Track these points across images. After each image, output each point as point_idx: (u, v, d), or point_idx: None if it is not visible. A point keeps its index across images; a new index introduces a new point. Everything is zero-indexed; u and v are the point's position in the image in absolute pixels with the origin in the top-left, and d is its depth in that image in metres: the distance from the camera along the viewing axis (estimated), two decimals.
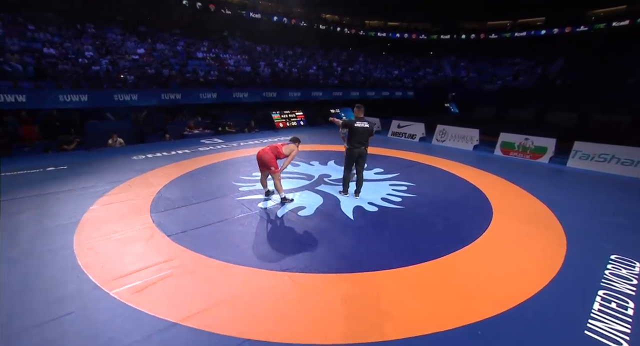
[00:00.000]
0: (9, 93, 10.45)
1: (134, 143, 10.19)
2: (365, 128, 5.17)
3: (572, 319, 2.72)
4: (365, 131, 5.17)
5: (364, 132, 5.15)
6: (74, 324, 2.60)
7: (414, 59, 30.50)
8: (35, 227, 4.27)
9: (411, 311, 2.78)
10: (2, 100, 10.22)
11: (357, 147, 5.17)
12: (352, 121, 5.19)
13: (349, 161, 5.33)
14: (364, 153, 5.23)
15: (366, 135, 5.20)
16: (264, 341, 2.44)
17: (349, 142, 5.25)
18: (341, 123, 5.41)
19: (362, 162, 5.30)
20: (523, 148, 8.71)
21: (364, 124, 5.17)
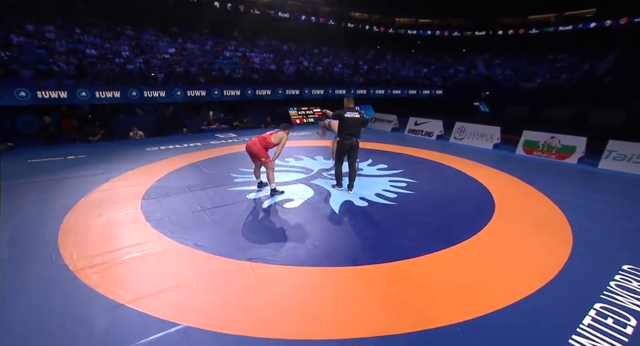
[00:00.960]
0: (53, 90, 11.35)
1: (154, 136, 10.66)
2: (356, 118, 4.95)
3: (551, 333, 2.36)
4: (356, 121, 4.94)
5: (354, 122, 4.93)
6: (28, 297, 2.68)
7: (444, 57, 29.24)
8: (34, 208, 4.54)
9: (363, 311, 2.56)
10: (47, 96, 11.13)
11: (348, 138, 4.96)
12: (342, 111, 4.98)
13: (340, 153, 5.13)
14: (355, 144, 5.01)
15: (358, 126, 4.98)
16: (201, 329, 2.35)
17: (339, 133, 5.05)
18: (332, 115, 5.22)
19: (354, 154, 5.08)
20: (548, 147, 7.94)
21: (354, 114, 4.95)
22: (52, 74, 12.26)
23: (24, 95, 10.58)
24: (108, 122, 11.72)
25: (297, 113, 14.43)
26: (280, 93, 17.01)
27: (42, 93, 11.02)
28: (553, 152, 7.83)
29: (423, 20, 30.99)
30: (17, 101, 10.55)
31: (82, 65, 13.45)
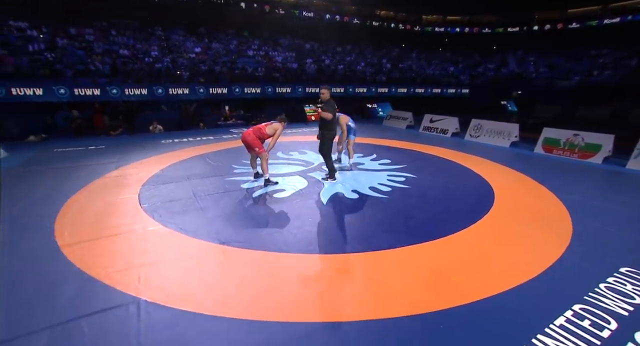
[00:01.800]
0: (88, 87, 12.22)
1: (172, 130, 11.14)
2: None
3: (515, 331, 2.19)
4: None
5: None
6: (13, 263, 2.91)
7: (473, 55, 28.03)
8: (46, 189, 4.91)
9: (325, 297, 2.53)
10: (83, 93, 12.00)
11: (334, 129, 5.00)
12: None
13: (331, 146, 5.11)
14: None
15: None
16: (156, 303, 2.43)
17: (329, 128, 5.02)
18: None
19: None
20: (570, 145, 7.37)
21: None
22: (89, 73, 13.17)
23: (63, 92, 11.47)
24: (132, 117, 12.40)
25: (312, 110, 14.47)
26: (300, 91, 17.16)
27: (78, 91, 11.88)
28: (575, 151, 7.26)
29: (451, 17, 29.93)
30: (57, 98, 11.44)
31: (115, 65, 14.33)
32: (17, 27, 14.00)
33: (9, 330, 2.17)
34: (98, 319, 2.28)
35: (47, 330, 2.17)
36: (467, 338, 2.12)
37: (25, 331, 2.16)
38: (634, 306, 2.45)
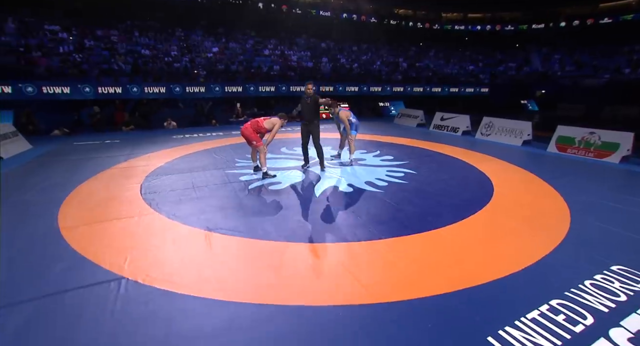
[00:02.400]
0: (111, 86, 12.84)
1: (185, 127, 11.51)
2: (308, 104, 5.50)
3: (482, 323, 2.14)
4: (309, 107, 5.51)
5: (308, 108, 5.51)
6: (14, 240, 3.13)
7: (494, 53, 27.13)
8: (57, 178, 5.23)
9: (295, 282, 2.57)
10: (106, 91, 12.62)
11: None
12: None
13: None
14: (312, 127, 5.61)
15: (311, 111, 5.57)
16: (136, 282, 2.55)
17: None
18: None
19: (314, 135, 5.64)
20: (586, 144, 7.02)
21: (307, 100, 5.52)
22: (112, 72, 13.81)
23: (88, 90, 12.10)
24: (150, 114, 12.89)
25: (323, 108, 14.51)
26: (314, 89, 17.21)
27: (102, 89, 12.50)
28: (591, 150, 6.92)
29: (472, 15, 29.12)
30: (83, 96, 12.08)
31: (136, 64, 14.94)
32: (50, 30, 14.88)
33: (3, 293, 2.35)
34: (81, 293, 2.42)
35: (34, 301, 2.33)
36: (433, 328, 2.11)
37: (15, 300, 2.33)
38: (616, 303, 2.34)
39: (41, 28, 14.90)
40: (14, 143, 7.42)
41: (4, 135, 7.27)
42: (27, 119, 10.14)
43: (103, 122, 10.95)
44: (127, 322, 2.14)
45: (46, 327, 2.09)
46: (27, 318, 2.17)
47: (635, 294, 2.44)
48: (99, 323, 2.12)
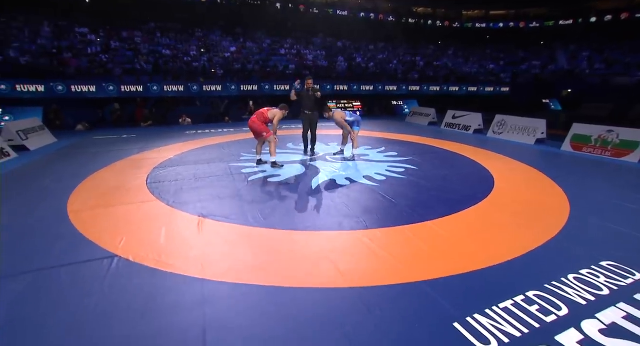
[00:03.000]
0: (133, 85, 13.45)
1: (199, 123, 11.88)
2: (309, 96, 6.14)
3: (455, 309, 2.14)
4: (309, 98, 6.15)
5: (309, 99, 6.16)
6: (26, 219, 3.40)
7: (517, 51, 26.18)
8: (74, 168, 5.58)
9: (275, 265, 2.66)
10: (129, 90, 13.25)
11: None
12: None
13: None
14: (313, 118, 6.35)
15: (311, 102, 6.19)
16: (127, 260, 2.73)
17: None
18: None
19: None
20: (603, 142, 6.70)
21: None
22: (135, 72, 14.45)
23: (112, 89, 12.73)
24: (168, 111, 13.40)
25: (335, 106, 14.56)
26: (329, 88, 17.32)
27: (124, 88, 13.13)
28: (608, 149, 6.60)
29: (495, 12, 28.23)
30: (107, 94, 12.73)
31: (157, 64, 15.55)
32: (80, 33, 15.75)
33: (2, 269, 2.58)
34: (76, 268, 2.61)
35: (33, 273, 2.54)
36: (400, 312, 2.14)
37: (15, 272, 2.55)
38: (597, 297, 2.27)
39: (72, 31, 15.79)
40: (40, 136, 7.95)
41: (32, 129, 7.80)
42: (54, 115, 10.81)
43: (123, 119, 11.49)
44: (112, 293, 2.30)
45: (40, 296, 2.28)
46: (24, 287, 2.37)
47: (619, 289, 2.36)
48: (87, 294, 2.29)
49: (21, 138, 7.19)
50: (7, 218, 3.54)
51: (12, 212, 3.72)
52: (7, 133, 7.05)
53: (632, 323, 2.01)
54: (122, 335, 1.92)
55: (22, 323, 2.02)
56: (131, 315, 2.09)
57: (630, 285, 2.40)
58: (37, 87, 11.10)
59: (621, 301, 2.22)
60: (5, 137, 6.90)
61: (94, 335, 1.92)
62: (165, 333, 1.93)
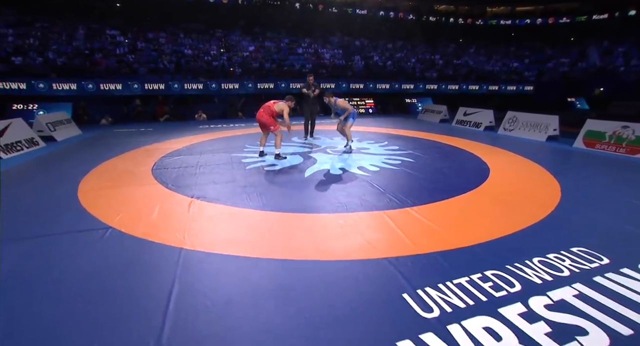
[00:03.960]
0: (155, 83, 14.18)
1: (214, 119, 12.37)
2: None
3: (408, 283, 2.23)
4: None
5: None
6: (41, 195, 3.79)
7: (544, 48, 25.06)
8: (91, 155, 6.05)
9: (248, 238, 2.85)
10: (151, 88, 13.99)
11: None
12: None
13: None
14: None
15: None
16: (120, 231, 3.01)
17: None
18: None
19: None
20: (617, 139, 6.40)
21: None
22: (158, 71, 15.20)
23: (136, 87, 13.49)
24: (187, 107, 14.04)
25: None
26: (345, 86, 17.43)
27: (148, 86, 13.87)
28: (623, 145, 6.30)
29: (522, 8, 27.18)
30: (132, 91, 13.50)
31: (179, 63, 16.26)
32: (110, 35, 16.77)
33: (9, 233, 2.93)
34: (74, 236, 2.92)
35: (35, 238, 2.87)
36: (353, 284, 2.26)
37: (20, 236, 2.89)
38: (555, 277, 2.28)
39: (103, 33, 16.81)
40: (67, 128, 8.61)
41: (59, 121, 8.47)
42: (82, 110, 11.62)
43: (144, 114, 12.17)
44: (99, 256, 2.57)
45: (38, 257, 2.59)
46: (27, 249, 2.69)
47: (581, 271, 2.35)
48: (79, 256, 2.57)
49: (50, 129, 7.83)
50: (26, 195, 3.95)
51: (30, 189, 4.15)
52: (37, 125, 7.70)
53: (581, 301, 2.02)
54: (101, 289, 2.17)
55: (19, 278, 2.31)
56: (112, 273, 2.34)
57: (594, 268, 2.39)
58: (70, 85, 11.99)
59: (578, 282, 2.22)
60: (36, 128, 7.55)
61: (79, 288, 2.18)
62: (138, 289, 2.16)
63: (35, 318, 1.90)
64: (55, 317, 1.90)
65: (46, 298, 2.09)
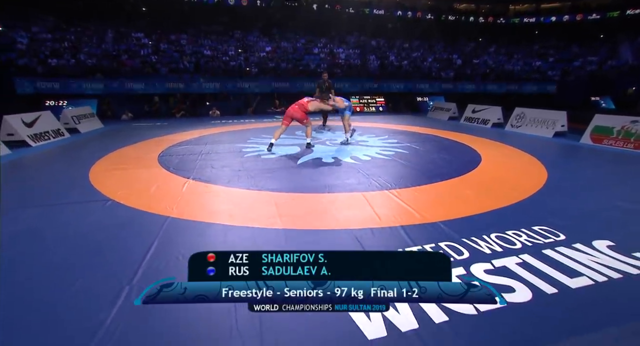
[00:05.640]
0: (175, 82, 14.92)
1: (226, 115, 12.91)
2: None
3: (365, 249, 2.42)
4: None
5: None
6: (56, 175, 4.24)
7: (570, 47, 24.06)
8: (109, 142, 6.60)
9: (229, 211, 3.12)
10: (172, 86, 14.75)
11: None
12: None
13: None
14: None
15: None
16: (119, 203, 3.36)
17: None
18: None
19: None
20: (625, 134, 6.20)
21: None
22: (178, 70, 15.97)
23: (157, 85, 14.27)
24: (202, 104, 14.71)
25: (358, 101, 14.77)
26: (358, 85, 17.57)
27: (168, 84, 14.65)
28: (631, 140, 6.10)
29: (547, 5, 26.23)
30: (154, 90, 14.30)
31: (198, 63, 16.97)
32: (136, 37, 17.77)
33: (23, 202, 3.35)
34: (77, 206, 3.30)
35: (44, 206, 3.27)
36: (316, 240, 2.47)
37: (30, 204, 3.30)
38: (505, 249, 2.39)
39: (130, 35, 17.82)
40: (90, 122, 9.31)
41: (83, 115, 9.18)
42: (107, 106, 12.45)
43: (161, 110, 12.91)
44: (95, 220, 2.92)
45: (43, 222, 2.97)
46: (36, 215, 3.08)
47: (533, 245, 2.44)
48: (79, 219, 2.94)
49: (74, 122, 8.50)
50: (44, 174, 4.43)
51: (49, 169, 4.64)
52: (64, 118, 8.39)
53: (521, 267, 2.13)
54: (91, 243, 2.50)
55: (25, 235, 2.69)
56: (103, 233, 2.68)
57: (547, 243, 2.46)
58: (97, 84, 12.92)
59: (526, 253, 2.31)
60: (62, 121, 8.23)
61: (74, 242, 2.53)
62: (123, 245, 2.47)
63: (34, 263, 2.24)
64: (50, 262, 2.24)
65: (44, 249, 2.44)
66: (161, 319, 1.65)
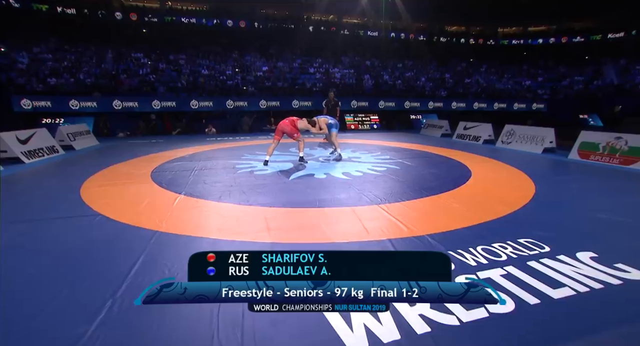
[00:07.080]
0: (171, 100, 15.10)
1: (222, 133, 13.03)
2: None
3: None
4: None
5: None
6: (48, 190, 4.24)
7: (557, 67, 24.93)
8: (101, 159, 6.61)
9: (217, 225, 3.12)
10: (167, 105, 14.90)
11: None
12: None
13: None
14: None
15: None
16: (108, 218, 3.36)
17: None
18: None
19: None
20: (611, 150, 6.35)
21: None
22: (175, 89, 16.25)
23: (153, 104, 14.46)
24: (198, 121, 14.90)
25: (352, 119, 15.01)
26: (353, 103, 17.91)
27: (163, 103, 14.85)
28: (616, 156, 6.24)
29: (534, 28, 27.36)
30: (150, 108, 14.47)
31: (195, 82, 17.30)
32: (135, 57, 18.17)
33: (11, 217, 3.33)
34: (67, 220, 3.30)
35: (33, 221, 3.26)
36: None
37: (19, 220, 3.29)
38: (490, 261, 2.40)
39: (129, 55, 18.23)
40: (86, 139, 9.36)
41: (79, 132, 9.24)
42: (103, 124, 12.56)
43: (157, 128, 13.03)
44: (83, 235, 2.91)
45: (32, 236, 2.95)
46: (24, 228, 3.07)
47: (518, 257, 2.46)
48: (66, 234, 2.93)
49: (70, 139, 8.55)
50: (35, 189, 4.42)
51: (40, 185, 4.63)
52: (59, 135, 8.44)
53: (505, 279, 2.14)
54: (78, 257, 2.49)
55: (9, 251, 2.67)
56: (91, 247, 2.67)
57: (532, 255, 2.49)
58: (95, 103, 13.09)
59: (511, 265, 2.33)
60: (58, 138, 8.28)
61: (60, 256, 2.51)
62: (109, 258, 2.46)
63: (21, 274, 2.22)
64: (37, 274, 2.22)
65: (30, 261, 2.42)
66: (141, 333, 1.63)
